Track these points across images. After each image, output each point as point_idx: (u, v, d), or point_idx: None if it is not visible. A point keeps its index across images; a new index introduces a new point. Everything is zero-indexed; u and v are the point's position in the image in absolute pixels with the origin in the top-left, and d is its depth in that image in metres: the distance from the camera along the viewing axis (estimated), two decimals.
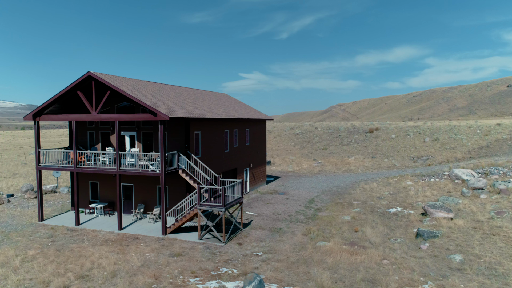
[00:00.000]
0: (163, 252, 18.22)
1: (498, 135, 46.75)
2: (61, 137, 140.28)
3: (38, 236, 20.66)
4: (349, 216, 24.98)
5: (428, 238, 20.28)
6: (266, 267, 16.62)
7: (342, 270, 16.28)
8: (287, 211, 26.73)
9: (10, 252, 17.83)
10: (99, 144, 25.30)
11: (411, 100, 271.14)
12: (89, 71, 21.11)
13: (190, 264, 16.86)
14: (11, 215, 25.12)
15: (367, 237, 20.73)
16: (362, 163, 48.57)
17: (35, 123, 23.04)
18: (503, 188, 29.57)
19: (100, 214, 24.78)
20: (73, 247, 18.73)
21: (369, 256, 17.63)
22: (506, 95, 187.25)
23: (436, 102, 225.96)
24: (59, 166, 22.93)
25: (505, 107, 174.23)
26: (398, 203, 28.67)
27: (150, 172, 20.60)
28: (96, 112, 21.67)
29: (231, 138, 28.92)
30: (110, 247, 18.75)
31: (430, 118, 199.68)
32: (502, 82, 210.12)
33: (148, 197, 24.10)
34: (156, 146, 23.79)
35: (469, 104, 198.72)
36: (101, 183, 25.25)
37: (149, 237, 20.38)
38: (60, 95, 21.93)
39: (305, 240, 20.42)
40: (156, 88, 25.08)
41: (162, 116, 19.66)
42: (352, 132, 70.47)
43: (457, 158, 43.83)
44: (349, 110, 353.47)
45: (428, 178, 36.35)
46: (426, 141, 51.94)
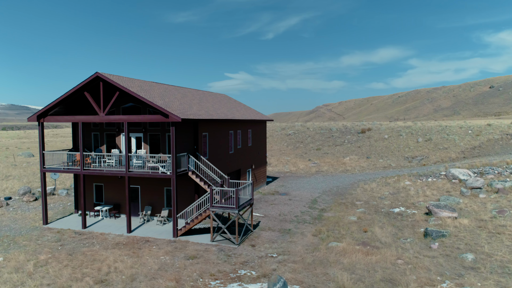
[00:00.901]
0: (178, 255, 18.08)
1: (489, 135, 47.89)
2: (57, 137, 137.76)
3: (45, 240, 20.24)
4: (355, 216, 25.22)
5: (437, 237, 20.63)
6: (283, 268, 16.66)
7: (359, 270, 16.43)
8: (292, 212, 26.83)
9: (20, 257, 17.42)
10: (104, 145, 24.94)
11: (396, 101, 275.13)
12: (97, 72, 20.80)
13: (207, 266, 16.77)
14: (13, 219, 24.54)
15: (377, 237, 20.97)
16: (358, 163, 49.07)
17: (39, 124, 22.57)
18: (500, 187, 30.29)
19: (106, 217, 24.43)
20: (84, 251, 18.41)
21: (384, 256, 17.85)
22: (489, 95, 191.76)
23: (421, 103, 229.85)
24: (64, 168, 22.51)
25: (488, 108, 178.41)
26: (400, 203, 29.07)
27: (160, 174, 20.41)
28: (104, 114, 21.36)
29: (235, 139, 28.88)
30: (122, 250, 18.51)
31: (416, 118, 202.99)
32: (485, 83, 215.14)
33: (155, 199, 23.87)
34: (164, 147, 23.58)
35: (453, 105, 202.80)
36: (106, 185, 24.89)
37: (160, 240, 20.18)
38: (66, 96, 21.54)
39: (316, 241, 20.54)
40: (162, 89, 24.86)
41: (174, 117, 19.49)
42: (345, 132, 71.12)
43: (451, 158, 44.70)
44: (336, 110, 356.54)
45: (425, 178, 36.97)
46: (419, 141, 52.82)
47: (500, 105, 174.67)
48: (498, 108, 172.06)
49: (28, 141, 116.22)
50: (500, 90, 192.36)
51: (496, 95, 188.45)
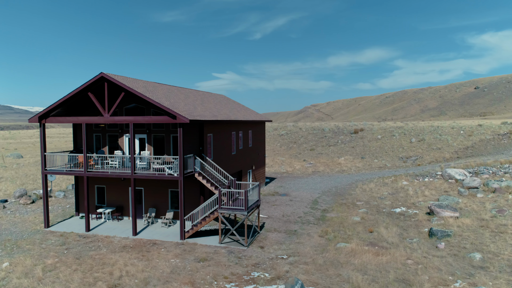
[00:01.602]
0: (188, 258, 17.90)
1: (481, 136, 48.81)
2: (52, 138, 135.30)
3: (49, 243, 19.83)
4: (358, 217, 25.38)
5: (442, 237, 20.90)
6: (296, 270, 16.65)
7: (371, 271, 16.53)
8: (295, 213, 26.85)
9: (27, 261, 17.03)
10: (106, 147, 24.56)
11: (384, 101, 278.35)
12: (102, 72, 20.46)
13: (219, 269, 16.65)
14: (12, 222, 23.98)
15: (383, 237, 21.14)
16: (353, 163, 49.44)
17: (40, 125, 22.10)
18: (497, 187, 30.86)
19: (108, 219, 24.06)
20: (92, 255, 18.09)
21: (393, 257, 17.99)
22: (474, 96, 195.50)
23: (408, 103, 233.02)
24: (67, 170, 22.10)
25: (473, 108, 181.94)
26: (400, 203, 29.37)
27: (167, 175, 20.20)
28: (109, 114, 21.03)
29: (237, 140, 28.79)
30: (131, 254, 18.24)
31: (404, 118, 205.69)
32: (470, 84, 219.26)
33: (159, 201, 23.60)
34: (168, 149, 23.34)
35: (440, 105, 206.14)
36: (108, 187, 24.52)
37: (167, 242, 19.96)
38: (69, 97, 21.15)
39: (323, 242, 20.60)
40: (165, 90, 24.62)
41: (182, 119, 19.31)
42: (337, 132, 71.58)
43: (445, 158, 45.40)
44: (324, 110, 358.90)
45: (422, 178, 37.44)
46: (412, 142, 53.50)
47: (485, 105, 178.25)
48: (484, 108, 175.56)
49: (14, 141, 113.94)
50: (485, 91, 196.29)
51: (481, 96, 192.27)
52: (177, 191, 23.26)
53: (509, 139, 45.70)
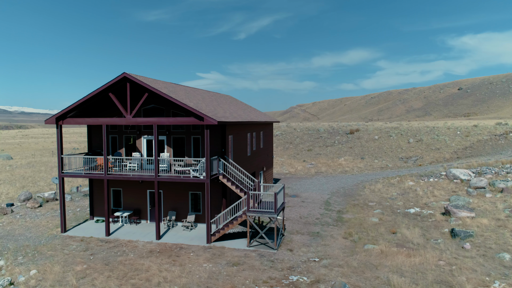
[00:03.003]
0: (220, 262, 17.58)
1: (478, 136, 49.84)
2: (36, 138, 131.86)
3: (72, 249, 19.18)
4: (376, 218, 25.47)
5: (465, 237, 21.12)
6: (332, 273, 16.54)
7: (407, 273, 16.55)
8: (311, 214, 26.77)
9: (55, 268, 16.41)
10: (123, 149, 23.96)
11: (369, 102, 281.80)
12: (125, 72, 19.94)
13: (256, 273, 16.40)
14: (25, 227, 23.14)
15: (408, 238, 21.24)
16: (354, 164, 49.74)
17: (57, 126, 21.39)
18: (504, 187, 31.47)
19: (125, 223, 23.47)
20: (121, 260, 17.58)
21: (425, 258, 18.07)
22: (458, 97, 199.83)
23: (393, 104, 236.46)
24: (85, 173, 21.45)
25: (457, 109, 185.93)
26: (412, 203, 29.62)
27: (192, 178, 19.81)
28: (131, 116, 20.50)
29: (251, 142, 28.54)
30: (161, 259, 17.80)
31: (389, 119, 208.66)
32: (453, 85, 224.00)
33: (179, 204, 23.16)
34: (189, 150, 22.92)
35: (424, 106, 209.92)
36: (125, 190, 23.93)
37: (194, 246, 19.58)
38: (89, 97, 20.54)
39: (349, 244, 20.55)
40: (183, 90, 24.19)
41: (210, 120, 18.97)
42: (332, 133, 71.98)
43: (445, 158, 46.14)
44: (310, 110, 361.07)
45: (427, 178, 37.91)
46: (410, 142, 54.20)
47: (469, 106, 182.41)
48: (467, 109, 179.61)
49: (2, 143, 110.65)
50: (468, 92, 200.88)
51: (465, 97, 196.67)
52: (197, 193, 22.87)
53: (506, 139, 46.79)
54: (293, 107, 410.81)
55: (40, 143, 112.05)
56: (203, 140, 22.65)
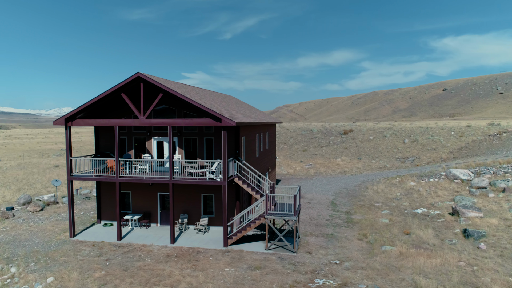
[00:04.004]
0: (241, 266, 17.25)
1: (472, 137, 50.69)
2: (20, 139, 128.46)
3: (85, 255, 18.56)
4: (386, 218, 25.50)
5: (478, 238, 21.29)
6: (356, 276, 16.40)
7: (431, 274, 16.54)
8: (321, 216, 26.65)
9: (73, 275, 15.81)
10: (132, 150, 23.37)
11: (355, 102, 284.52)
12: (138, 72, 19.41)
13: (280, 277, 16.14)
14: (30, 232, 22.33)
15: (422, 239, 21.29)
16: (352, 164, 49.92)
17: (66, 128, 20.71)
18: (505, 186, 31.96)
19: (135, 227, 22.90)
20: (140, 266, 17.07)
21: (445, 259, 18.11)
22: (443, 98, 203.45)
23: (380, 104, 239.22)
24: (96, 175, 20.81)
25: (442, 109, 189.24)
26: (418, 204, 29.81)
27: (208, 180, 19.42)
28: (145, 117, 19.98)
29: (258, 143, 28.27)
30: (181, 263, 17.36)
31: (376, 119, 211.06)
32: (438, 86, 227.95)
33: (191, 206, 22.70)
34: (201, 152, 22.49)
35: (410, 106, 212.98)
36: (134, 192, 23.34)
37: (211, 250, 19.19)
38: (100, 98, 19.93)
39: (365, 245, 20.48)
40: (194, 91, 23.75)
41: (228, 122, 18.62)
42: (326, 133, 72.22)
43: (442, 159, 46.73)
44: (296, 111, 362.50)
45: (427, 178, 38.27)
46: (405, 143, 54.75)
47: (454, 106, 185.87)
48: (452, 109, 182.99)
49: None
50: (453, 93, 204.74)
51: (449, 98, 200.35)
52: (210, 195, 22.47)
53: (500, 139, 47.70)
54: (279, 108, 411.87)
55: (25, 144, 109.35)
56: (216, 141, 22.27)
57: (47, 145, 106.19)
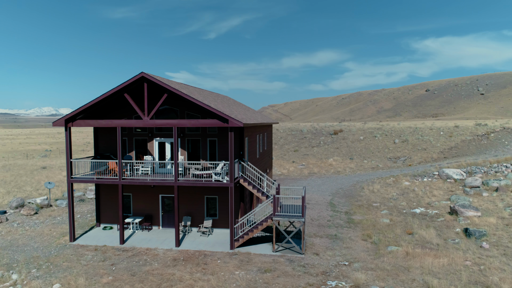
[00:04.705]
0: (251, 269, 17.05)
1: (461, 137, 51.68)
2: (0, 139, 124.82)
3: (89, 259, 18.04)
4: (387, 219, 25.67)
5: (480, 237, 21.61)
6: (367, 277, 16.40)
7: (440, 274, 16.67)
8: (321, 216, 26.65)
9: (80, 281, 15.33)
10: (133, 152, 22.87)
11: (340, 102, 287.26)
12: (143, 72, 19.00)
13: (292, 280, 16.00)
14: (27, 236, 21.61)
15: (426, 239, 21.49)
16: (344, 164, 50.22)
17: (66, 129, 20.11)
18: (497, 186, 32.62)
19: (137, 230, 22.41)
20: (148, 270, 16.68)
21: (451, 259, 18.29)
22: (426, 98, 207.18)
23: (364, 104, 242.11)
24: (97, 178, 20.27)
25: (425, 109, 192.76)
26: (415, 204, 30.13)
27: (214, 182, 19.15)
28: (149, 117, 19.57)
29: (259, 144, 28.10)
30: (189, 267, 17.04)
31: (361, 119, 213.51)
32: (421, 86, 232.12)
33: (194, 209, 22.36)
34: (204, 153, 22.18)
35: (394, 107, 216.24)
36: (135, 195, 22.85)
37: (218, 253, 18.92)
38: (103, 98, 19.43)
39: (370, 246, 20.54)
40: (197, 91, 23.42)
41: (235, 123, 18.39)
42: (316, 133, 72.55)
43: (433, 158, 47.46)
44: (282, 111, 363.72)
45: (421, 178, 38.78)
46: (396, 143, 55.42)
47: (437, 107, 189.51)
48: (435, 110, 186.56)
49: None
50: (435, 93, 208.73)
51: (432, 98, 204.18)
52: (214, 197, 22.19)
53: (488, 139, 48.76)
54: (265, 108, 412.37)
55: (7, 145, 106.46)
56: (220, 142, 21.99)
57: (30, 146, 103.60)
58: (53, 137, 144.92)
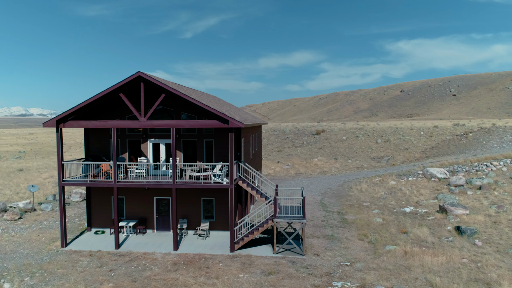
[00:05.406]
0: (254, 272, 16.84)
1: (441, 136, 53.12)
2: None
3: (85, 266, 17.35)
4: (379, 218, 25.99)
5: (471, 234, 22.18)
6: (371, 277, 16.49)
7: (440, 272, 16.95)
8: (315, 217, 26.71)
9: None
10: (126, 153, 22.21)
11: (318, 103, 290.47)
12: (139, 71, 18.46)
13: (297, 282, 15.90)
14: (15, 242, 20.61)
15: (420, 237, 21.87)
16: (330, 164, 50.67)
17: (57, 130, 19.29)
18: (480, 184, 33.66)
19: (130, 233, 21.78)
20: (149, 276, 16.19)
21: (449, 256, 18.66)
22: (401, 99, 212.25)
23: (341, 105, 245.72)
24: (90, 181, 19.56)
25: (401, 110, 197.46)
26: (404, 203, 30.67)
27: (213, 184, 18.83)
28: (146, 118, 19.03)
29: (252, 144, 27.92)
30: (192, 272, 16.66)
31: (339, 119, 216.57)
32: (396, 87, 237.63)
33: (190, 211, 21.92)
34: (201, 154, 21.79)
35: (370, 107, 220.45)
36: (128, 198, 22.20)
37: (218, 256, 18.60)
38: (97, 99, 18.76)
39: (368, 246, 20.71)
40: (193, 92, 22.99)
41: (236, 123, 18.13)
42: (298, 134, 72.96)
43: (416, 158, 48.56)
44: (260, 111, 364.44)
45: (406, 177, 39.57)
46: (379, 142, 56.39)
47: (411, 107, 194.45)
48: (410, 110, 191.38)
49: None
50: (410, 94, 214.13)
51: (407, 99, 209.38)
52: (210, 199, 21.83)
53: (467, 139, 50.33)
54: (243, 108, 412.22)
55: None
56: (216, 143, 21.66)
57: (2, 147, 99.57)
58: (25, 138, 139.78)
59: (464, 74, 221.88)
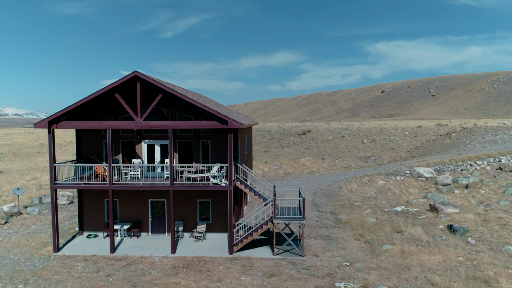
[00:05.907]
0: (255, 274, 16.68)
1: (426, 136, 54.17)
2: None
3: (80, 271, 16.82)
4: (373, 218, 26.23)
5: (464, 233, 22.61)
6: (372, 277, 16.58)
7: (439, 271, 17.19)
8: (308, 217, 26.74)
9: None
10: (120, 155, 21.67)
11: (300, 103, 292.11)
12: (136, 71, 18.04)
13: (300, 283, 15.83)
14: (3, 248, 19.80)
15: (415, 236, 22.14)
16: (318, 164, 50.93)
17: (49, 131, 18.65)
18: (467, 183, 34.42)
19: (125, 237, 21.26)
20: (149, 280, 15.81)
21: (445, 255, 18.95)
22: (382, 99, 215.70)
23: (323, 105, 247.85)
24: (84, 183, 18.99)
25: (382, 110, 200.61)
26: (394, 202, 31.07)
27: (211, 185, 18.58)
28: (142, 119, 18.61)
29: (246, 145, 27.74)
30: (193, 275, 16.36)
31: (321, 119, 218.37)
32: (377, 88, 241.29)
33: (186, 213, 21.57)
34: (197, 156, 21.47)
35: (352, 107, 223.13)
36: (122, 200, 21.67)
37: (217, 258, 18.35)
38: (91, 99, 18.23)
39: (365, 245, 20.84)
40: (186, 91, 22.64)
41: (235, 124, 17.93)
42: (284, 134, 73.12)
43: (402, 157, 49.32)
44: (242, 111, 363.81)
45: (393, 177, 40.12)
46: (364, 142, 57.05)
47: (392, 108, 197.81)
48: (391, 110, 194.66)
49: None
50: (390, 95, 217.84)
51: (388, 99, 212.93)
52: (207, 201, 21.54)
53: (450, 139, 51.47)
54: None
55: None
56: (213, 144, 21.39)
57: None
58: (1, 139, 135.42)
59: (442, 75, 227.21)
